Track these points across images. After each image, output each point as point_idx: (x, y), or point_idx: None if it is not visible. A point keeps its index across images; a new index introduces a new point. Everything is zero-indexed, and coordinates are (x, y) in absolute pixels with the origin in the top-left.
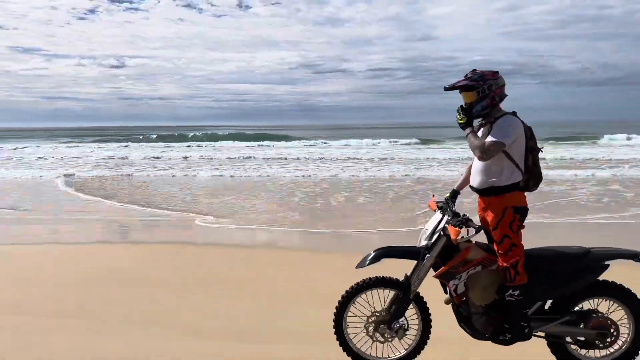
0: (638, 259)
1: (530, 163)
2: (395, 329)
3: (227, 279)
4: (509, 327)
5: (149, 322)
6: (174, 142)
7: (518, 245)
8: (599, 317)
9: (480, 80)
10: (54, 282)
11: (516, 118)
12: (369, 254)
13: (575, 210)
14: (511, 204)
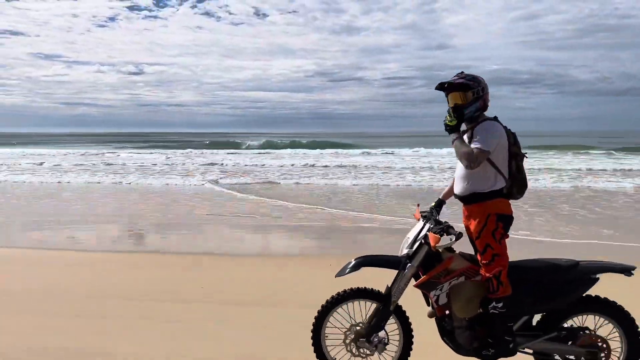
0: (629, 273)
1: (514, 169)
2: (375, 343)
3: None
4: (492, 341)
5: None
6: (234, 149)
7: (501, 255)
8: (589, 334)
9: (475, 81)
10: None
11: (498, 123)
12: (349, 263)
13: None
14: (494, 211)
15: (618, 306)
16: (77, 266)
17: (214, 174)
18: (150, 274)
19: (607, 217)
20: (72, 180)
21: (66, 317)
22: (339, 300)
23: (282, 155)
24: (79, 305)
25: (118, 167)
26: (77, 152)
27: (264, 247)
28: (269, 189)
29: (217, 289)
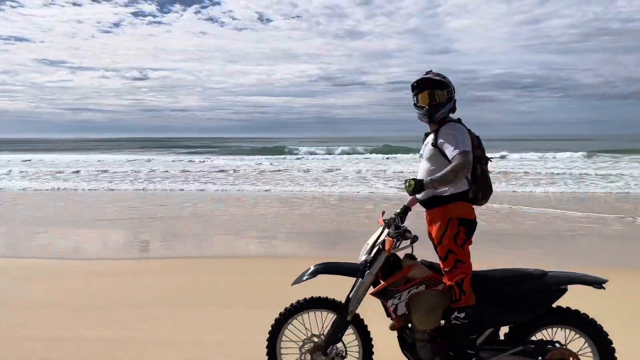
0: (599, 285)
1: (478, 173)
2: (331, 355)
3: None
4: (453, 354)
5: None
6: (279, 154)
7: (464, 262)
8: (559, 348)
9: (447, 82)
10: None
11: (461, 125)
12: (307, 270)
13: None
14: (456, 215)
15: (590, 319)
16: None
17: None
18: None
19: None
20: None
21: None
22: (295, 311)
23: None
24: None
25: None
26: (166, 158)
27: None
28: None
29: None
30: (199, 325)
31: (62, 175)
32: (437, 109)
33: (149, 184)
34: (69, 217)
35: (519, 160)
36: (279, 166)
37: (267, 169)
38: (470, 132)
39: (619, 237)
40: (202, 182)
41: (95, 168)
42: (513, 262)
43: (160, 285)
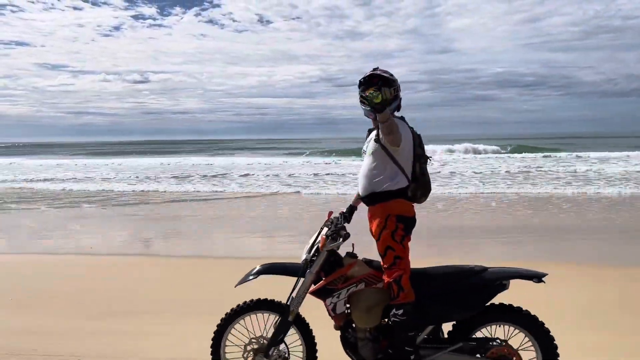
0: (538, 279)
1: (417, 171)
2: (274, 357)
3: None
4: (392, 352)
5: None
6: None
7: (403, 258)
8: (499, 345)
9: (394, 80)
10: None
11: (403, 122)
12: (251, 270)
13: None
14: (394, 212)
15: (532, 316)
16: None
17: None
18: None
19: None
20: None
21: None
22: (237, 314)
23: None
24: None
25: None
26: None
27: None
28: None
29: None
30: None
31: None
32: (384, 106)
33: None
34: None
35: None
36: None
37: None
38: (412, 130)
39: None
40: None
41: (239, 172)
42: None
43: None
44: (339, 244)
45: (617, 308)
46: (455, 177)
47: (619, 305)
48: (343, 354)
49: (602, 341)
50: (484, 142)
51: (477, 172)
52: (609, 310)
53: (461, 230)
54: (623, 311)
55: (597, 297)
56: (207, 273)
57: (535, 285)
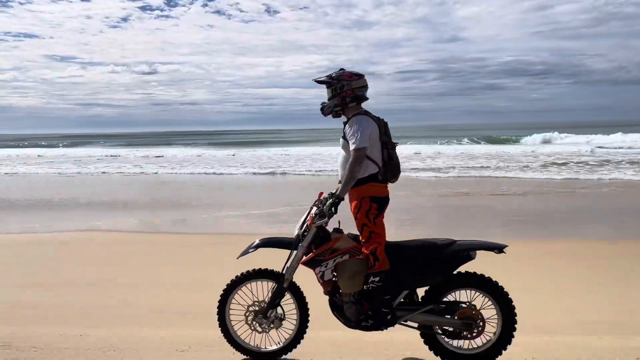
0: (499, 251)
1: (385, 157)
2: (271, 319)
3: None
4: (371, 313)
5: None
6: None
7: (377, 233)
8: (465, 307)
9: (336, 80)
10: None
11: (366, 117)
12: (251, 244)
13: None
14: (368, 194)
15: (493, 282)
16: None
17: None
18: None
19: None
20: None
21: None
22: (240, 281)
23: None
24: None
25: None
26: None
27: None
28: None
29: None
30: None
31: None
32: (325, 105)
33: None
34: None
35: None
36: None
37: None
38: (379, 120)
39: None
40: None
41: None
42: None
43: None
44: (325, 221)
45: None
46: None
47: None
48: (331, 315)
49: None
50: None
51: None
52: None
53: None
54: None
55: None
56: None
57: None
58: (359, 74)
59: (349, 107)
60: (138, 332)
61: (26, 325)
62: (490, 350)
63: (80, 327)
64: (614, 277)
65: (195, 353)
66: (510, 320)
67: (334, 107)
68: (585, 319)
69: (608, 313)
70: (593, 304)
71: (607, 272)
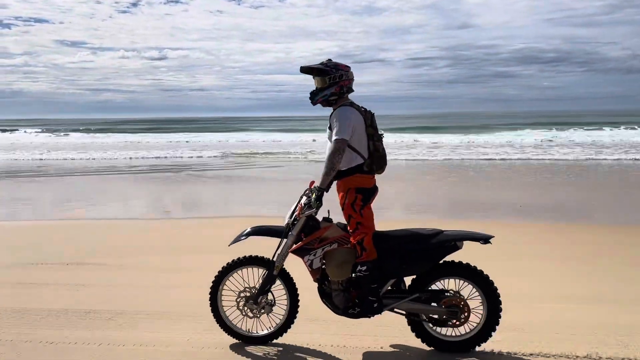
0: (485, 241)
1: (371, 149)
2: (262, 304)
3: None
4: (358, 301)
5: None
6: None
7: (363, 224)
8: (451, 296)
9: (334, 68)
10: None
11: (351, 108)
12: (243, 232)
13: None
14: (353, 185)
15: (479, 271)
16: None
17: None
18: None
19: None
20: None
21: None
22: (232, 267)
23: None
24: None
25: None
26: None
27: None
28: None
29: None
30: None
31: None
32: (318, 94)
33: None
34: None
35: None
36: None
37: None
38: (365, 111)
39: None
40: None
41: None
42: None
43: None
44: (313, 211)
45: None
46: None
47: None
48: (320, 302)
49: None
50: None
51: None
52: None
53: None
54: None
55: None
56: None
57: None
58: (348, 65)
59: (342, 97)
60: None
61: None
62: (475, 337)
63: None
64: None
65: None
66: (495, 308)
67: (330, 95)
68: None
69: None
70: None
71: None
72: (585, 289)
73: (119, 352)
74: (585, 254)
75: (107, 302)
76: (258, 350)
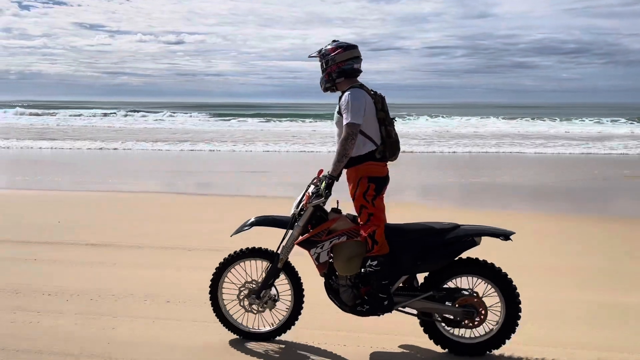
0: (505, 237)
1: (383, 134)
2: (265, 299)
3: None
4: (368, 298)
5: None
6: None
7: (376, 215)
8: (466, 294)
9: (322, 55)
10: None
11: (361, 90)
12: (246, 222)
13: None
14: (365, 174)
15: (497, 269)
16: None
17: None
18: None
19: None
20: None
21: None
22: (233, 259)
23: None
24: None
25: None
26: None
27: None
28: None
29: None
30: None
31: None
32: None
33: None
34: None
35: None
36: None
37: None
38: (375, 94)
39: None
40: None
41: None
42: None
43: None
44: (322, 201)
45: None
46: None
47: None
48: (327, 299)
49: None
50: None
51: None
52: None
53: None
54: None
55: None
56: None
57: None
58: (345, 45)
59: (338, 83)
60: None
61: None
62: (492, 340)
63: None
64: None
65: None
66: (514, 309)
67: (325, 83)
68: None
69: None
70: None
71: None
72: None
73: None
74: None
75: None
76: (259, 347)
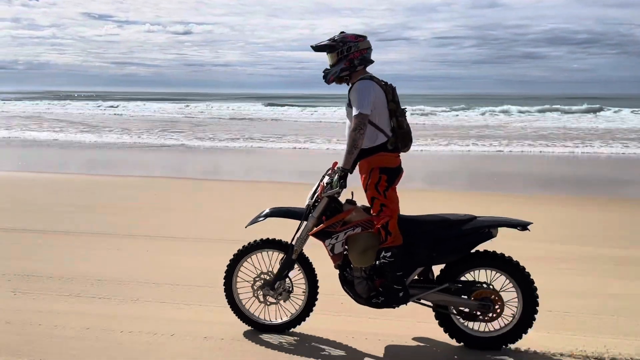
0: (522, 227)
1: (394, 125)
2: (279, 291)
3: None
4: (382, 290)
5: None
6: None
7: (388, 206)
8: (482, 288)
9: (341, 42)
10: None
11: (371, 81)
12: (260, 213)
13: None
14: (377, 165)
15: (515, 262)
16: None
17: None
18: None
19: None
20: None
21: None
22: (248, 251)
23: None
24: None
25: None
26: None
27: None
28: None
29: None
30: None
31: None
32: (329, 71)
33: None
34: None
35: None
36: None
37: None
38: (386, 85)
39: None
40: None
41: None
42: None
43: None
44: (337, 191)
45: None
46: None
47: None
48: (341, 290)
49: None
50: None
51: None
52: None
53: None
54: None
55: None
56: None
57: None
58: (361, 35)
59: (356, 71)
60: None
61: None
62: (508, 334)
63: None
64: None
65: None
66: (532, 303)
67: (340, 72)
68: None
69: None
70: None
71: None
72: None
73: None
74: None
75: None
76: (273, 339)
